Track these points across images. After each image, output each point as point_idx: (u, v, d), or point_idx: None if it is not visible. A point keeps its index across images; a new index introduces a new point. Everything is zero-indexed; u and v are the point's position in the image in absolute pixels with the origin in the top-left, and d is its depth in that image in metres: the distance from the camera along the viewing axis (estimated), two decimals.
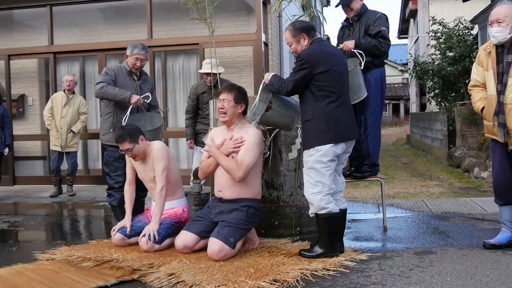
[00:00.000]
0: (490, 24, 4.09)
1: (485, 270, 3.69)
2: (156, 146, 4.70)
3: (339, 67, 4.13)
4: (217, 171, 4.37)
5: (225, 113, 4.29)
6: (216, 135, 4.44)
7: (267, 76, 4.28)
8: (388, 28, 5.07)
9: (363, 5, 5.20)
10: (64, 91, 8.11)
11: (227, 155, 4.24)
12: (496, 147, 4.26)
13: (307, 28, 4.22)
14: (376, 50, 4.98)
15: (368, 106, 5.04)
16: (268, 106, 4.30)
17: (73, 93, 8.17)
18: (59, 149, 8.05)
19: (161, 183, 4.55)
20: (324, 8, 21.25)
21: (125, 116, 5.07)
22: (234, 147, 4.23)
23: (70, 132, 8.01)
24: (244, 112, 4.40)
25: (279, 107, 4.35)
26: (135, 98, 5.11)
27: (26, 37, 9.91)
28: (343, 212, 4.25)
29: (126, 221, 4.67)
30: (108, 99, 5.17)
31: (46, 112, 8.13)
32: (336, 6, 5.34)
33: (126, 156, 4.78)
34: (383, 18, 5.09)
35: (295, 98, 4.45)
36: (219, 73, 6.27)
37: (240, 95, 4.34)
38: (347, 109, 4.17)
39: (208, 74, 6.35)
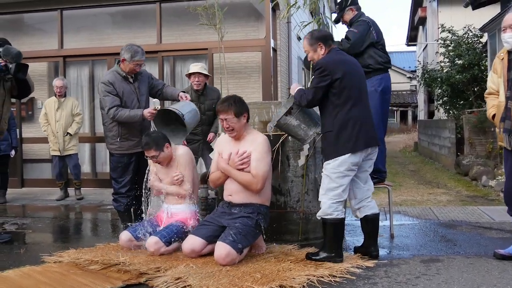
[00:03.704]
0: (503, 30, 4.11)
1: (492, 279, 3.67)
2: (182, 151, 4.77)
3: (354, 71, 4.18)
4: None
5: (233, 130, 4.30)
6: (223, 147, 4.45)
7: (294, 87, 4.37)
8: (363, 32, 5.12)
9: (357, 14, 5.31)
10: (55, 95, 8.14)
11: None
12: (508, 156, 4.22)
13: (324, 38, 4.26)
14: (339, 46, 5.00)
15: None
16: (288, 111, 4.33)
17: (64, 96, 8.16)
18: (58, 153, 8.07)
19: (188, 189, 4.70)
20: (333, 14, 21.27)
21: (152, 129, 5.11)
22: (241, 163, 4.24)
23: (67, 135, 8.04)
24: (248, 119, 4.39)
25: (300, 115, 4.36)
26: (147, 113, 5.05)
27: (36, 41, 9.97)
28: (373, 217, 4.34)
29: None
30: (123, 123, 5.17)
31: (41, 119, 8.16)
32: (335, 23, 5.66)
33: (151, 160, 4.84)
34: (360, 22, 5.19)
35: (318, 112, 4.45)
36: (206, 76, 6.28)
37: (239, 107, 4.27)
38: (368, 115, 4.21)
39: (195, 75, 6.25)
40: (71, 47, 9.64)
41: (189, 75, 6.37)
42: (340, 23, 5.55)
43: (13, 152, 8.14)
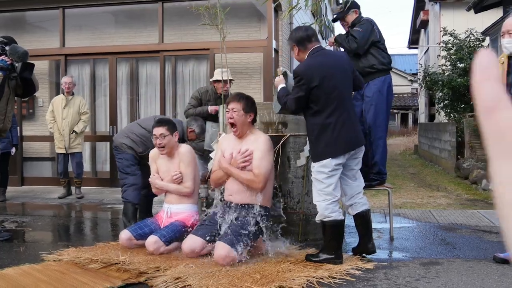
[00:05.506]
0: (502, 35, 4.11)
1: (492, 282, 3.67)
2: (185, 149, 4.81)
3: (333, 74, 4.08)
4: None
5: (235, 124, 4.30)
6: (225, 145, 4.46)
7: (277, 83, 4.33)
8: (368, 30, 5.14)
9: (358, 16, 5.33)
10: (63, 93, 8.15)
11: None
12: None
13: (299, 40, 4.18)
14: (345, 45, 5.18)
15: (371, 116, 5.09)
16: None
17: (72, 94, 8.18)
18: (63, 151, 8.09)
19: (190, 187, 4.73)
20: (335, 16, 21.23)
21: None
22: (243, 161, 4.24)
23: (72, 133, 8.05)
24: (253, 121, 4.41)
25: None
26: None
27: (38, 39, 9.98)
28: (365, 214, 4.31)
29: None
30: None
31: (48, 116, 8.18)
32: (334, 21, 5.69)
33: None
34: (363, 22, 5.22)
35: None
36: (230, 81, 6.28)
37: (249, 105, 4.35)
38: (348, 117, 4.12)
39: (220, 81, 6.25)
40: (72, 45, 9.65)
41: (215, 81, 6.43)
42: (338, 22, 5.53)
43: (13, 150, 8.15)
